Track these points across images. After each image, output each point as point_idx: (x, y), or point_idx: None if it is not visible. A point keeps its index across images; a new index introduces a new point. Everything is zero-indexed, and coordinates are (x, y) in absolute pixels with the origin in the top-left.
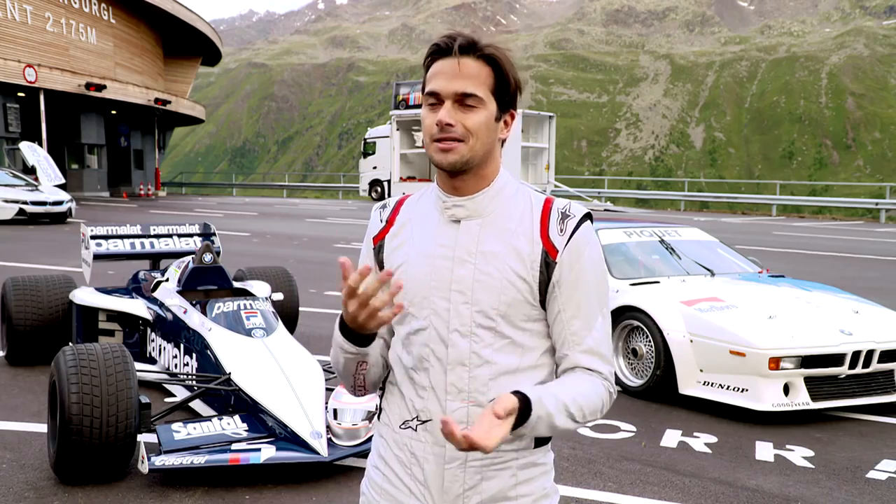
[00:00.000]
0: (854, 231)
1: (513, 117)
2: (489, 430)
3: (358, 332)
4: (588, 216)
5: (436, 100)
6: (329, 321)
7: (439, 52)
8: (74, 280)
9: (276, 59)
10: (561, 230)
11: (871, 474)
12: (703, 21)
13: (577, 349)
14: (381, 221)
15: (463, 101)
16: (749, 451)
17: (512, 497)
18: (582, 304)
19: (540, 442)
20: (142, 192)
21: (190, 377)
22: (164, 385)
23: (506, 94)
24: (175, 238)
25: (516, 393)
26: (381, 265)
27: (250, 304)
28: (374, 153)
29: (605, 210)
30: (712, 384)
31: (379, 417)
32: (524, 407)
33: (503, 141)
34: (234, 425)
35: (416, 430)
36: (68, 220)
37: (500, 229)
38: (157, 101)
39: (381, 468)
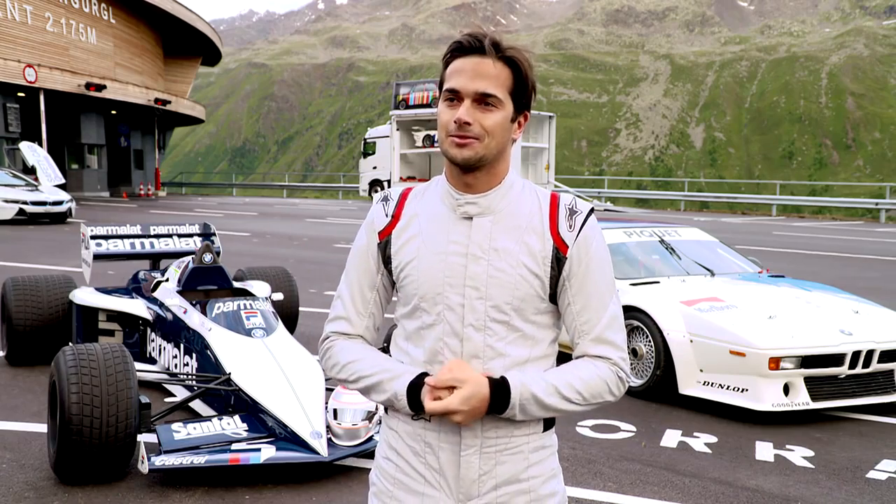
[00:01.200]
0: (854, 231)
1: (526, 118)
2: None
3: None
4: (592, 210)
5: (455, 97)
6: None
7: (461, 49)
8: (74, 280)
9: (276, 59)
10: (570, 226)
11: (871, 474)
12: (703, 21)
13: (587, 338)
14: (387, 216)
15: (482, 100)
16: (749, 451)
17: (524, 479)
18: (591, 295)
19: (547, 425)
20: (142, 192)
21: (190, 377)
22: (164, 385)
23: (523, 96)
24: (175, 238)
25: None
26: (387, 260)
27: (250, 304)
28: (373, 153)
29: (605, 210)
30: (712, 384)
31: (387, 411)
32: (500, 388)
33: (514, 141)
34: (234, 425)
35: (429, 420)
36: (68, 220)
37: (511, 226)
38: (157, 101)
39: (394, 459)
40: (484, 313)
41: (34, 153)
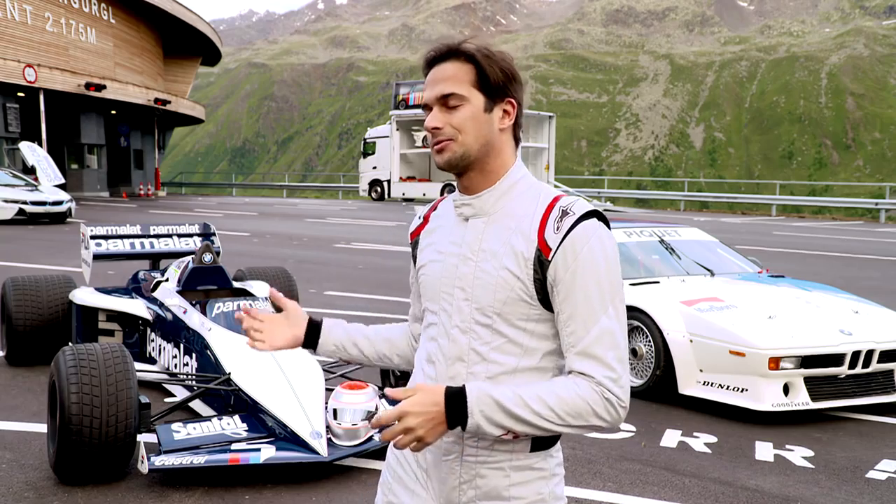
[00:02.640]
0: (854, 231)
1: (513, 106)
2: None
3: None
4: (592, 214)
5: (428, 109)
6: None
7: (425, 65)
8: (74, 280)
9: (276, 59)
10: (556, 228)
11: (871, 474)
12: (702, 21)
13: (572, 352)
14: (419, 219)
15: (446, 102)
16: (749, 451)
17: (506, 497)
18: (579, 305)
19: (537, 446)
20: (142, 192)
21: (190, 377)
22: (164, 385)
23: (489, 83)
24: (175, 238)
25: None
26: (415, 260)
27: (250, 305)
28: (373, 153)
29: (605, 210)
30: (712, 384)
31: None
32: (456, 393)
33: (516, 133)
34: (233, 425)
35: None
36: (68, 220)
37: (502, 227)
38: (156, 101)
39: (397, 454)
40: (469, 315)
41: (34, 153)
